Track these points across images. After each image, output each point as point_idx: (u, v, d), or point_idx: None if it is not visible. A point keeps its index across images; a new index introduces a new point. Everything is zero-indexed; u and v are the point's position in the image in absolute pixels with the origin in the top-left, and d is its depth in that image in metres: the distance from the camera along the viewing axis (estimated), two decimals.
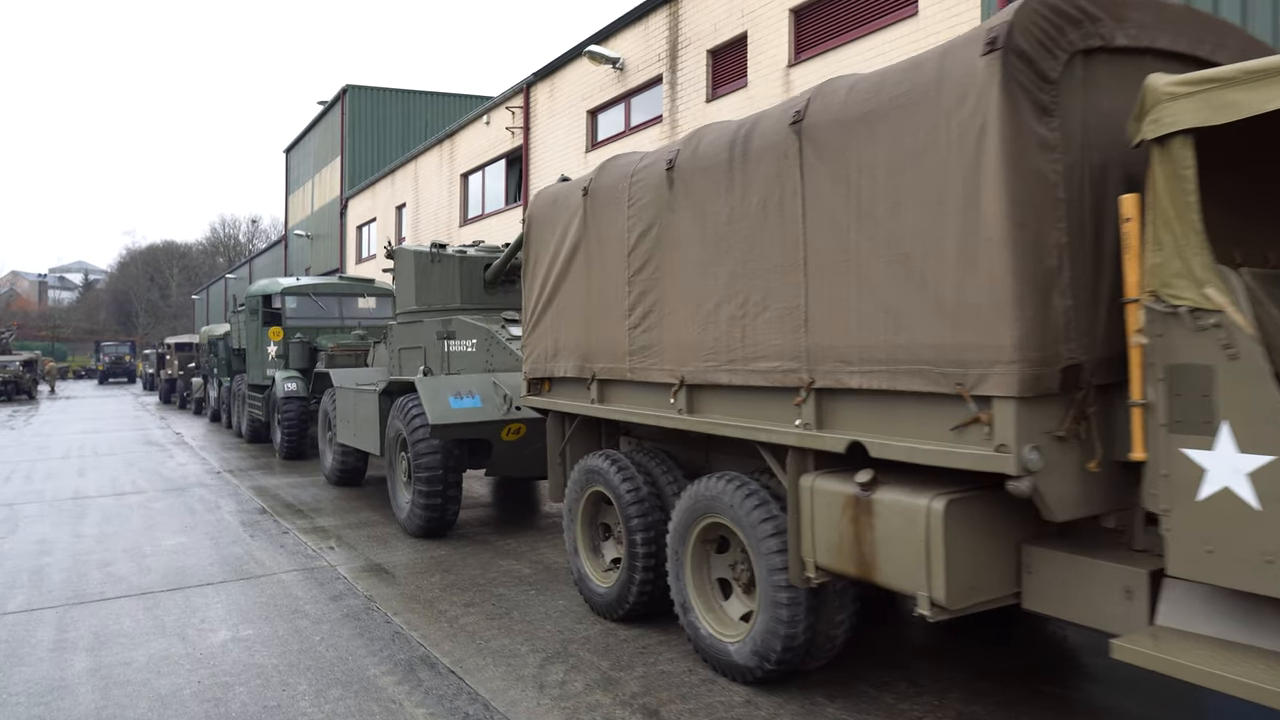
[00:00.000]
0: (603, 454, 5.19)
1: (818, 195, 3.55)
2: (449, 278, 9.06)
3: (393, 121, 31.70)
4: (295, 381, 13.34)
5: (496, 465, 7.61)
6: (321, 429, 10.97)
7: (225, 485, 10.84)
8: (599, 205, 5.13)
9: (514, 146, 18.71)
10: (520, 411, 7.24)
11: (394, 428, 7.78)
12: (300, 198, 38.17)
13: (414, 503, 7.34)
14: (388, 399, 8.46)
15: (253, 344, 15.09)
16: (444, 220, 22.28)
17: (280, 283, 14.89)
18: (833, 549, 3.50)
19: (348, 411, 9.56)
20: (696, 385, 4.34)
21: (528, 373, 5.97)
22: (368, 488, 10.45)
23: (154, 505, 9.41)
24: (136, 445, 15.96)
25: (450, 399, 7.14)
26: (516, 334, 8.28)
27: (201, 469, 12.50)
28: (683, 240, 4.39)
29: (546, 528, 7.94)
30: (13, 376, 33.51)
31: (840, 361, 3.46)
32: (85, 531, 8.05)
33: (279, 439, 13.39)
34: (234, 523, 8.36)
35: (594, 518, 5.44)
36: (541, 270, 5.77)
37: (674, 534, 4.49)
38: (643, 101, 14.53)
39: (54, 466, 12.93)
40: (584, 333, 5.27)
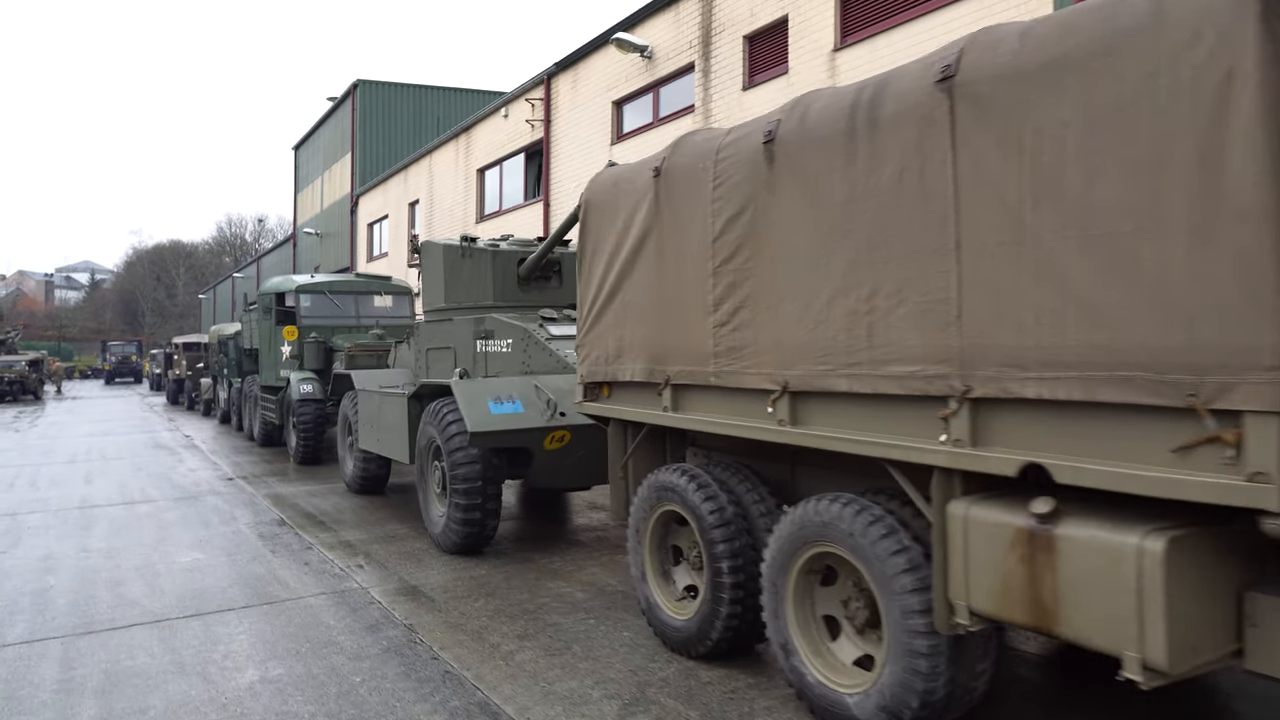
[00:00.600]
0: (678, 469, 4.59)
1: (977, 165, 2.95)
2: (481, 273, 8.47)
3: (404, 117, 31.13)
4: (311, 383, 12.77)
5: (537, 476, 7.01)
6: (341, 434, 10.39)
7: (240, 493, 10.26)
8: (675, 187, 4.53)
9: (534, 140, 18.12)
10: (564, 418, 6.65)
11: (426, 435, 7.19)
12: (309, 195, 37.64)
13: (450, 517, 6.75)
14: (417, 403, 7.88)
15: (266, 344, 14.52)
16: (459, 217, 21.70)
17: (295, 280, 14.33)
18: (995, 592, 2.90)
19: (371, 416, 8.98)
20: (802, 392, 3.74)
21: (584, 376, 5.37)
22: (391, 496, 9.87)
23: (165, 515, 8.84)
24: (145, 449, 15.41)
25: (489, 404, 6.55)
26: (555, 333, 7.70)
27: (213, 475, 11.93)
28: (785, 224, 3.78)
29: (589, 543, 7.35)
30: (18, 377, 33.03)
31: (1009, 365, 2.85)
32: (93, 545, 7.47)
33: (294, 443, 12.81)
34: (252, 536, 7.77)
35: (663, 540, 4.85)
36: (601, 262, 5.18)
37: (772, 563, 3.88)
38: (672, 91, 13.94)
39: (60, 472, 12.37)
40: (655, 331, 4.67)
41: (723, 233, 4.15)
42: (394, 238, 26.52)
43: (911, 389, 3.19)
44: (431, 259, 8.87)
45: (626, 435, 5.21)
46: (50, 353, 50.76)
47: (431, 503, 7.24)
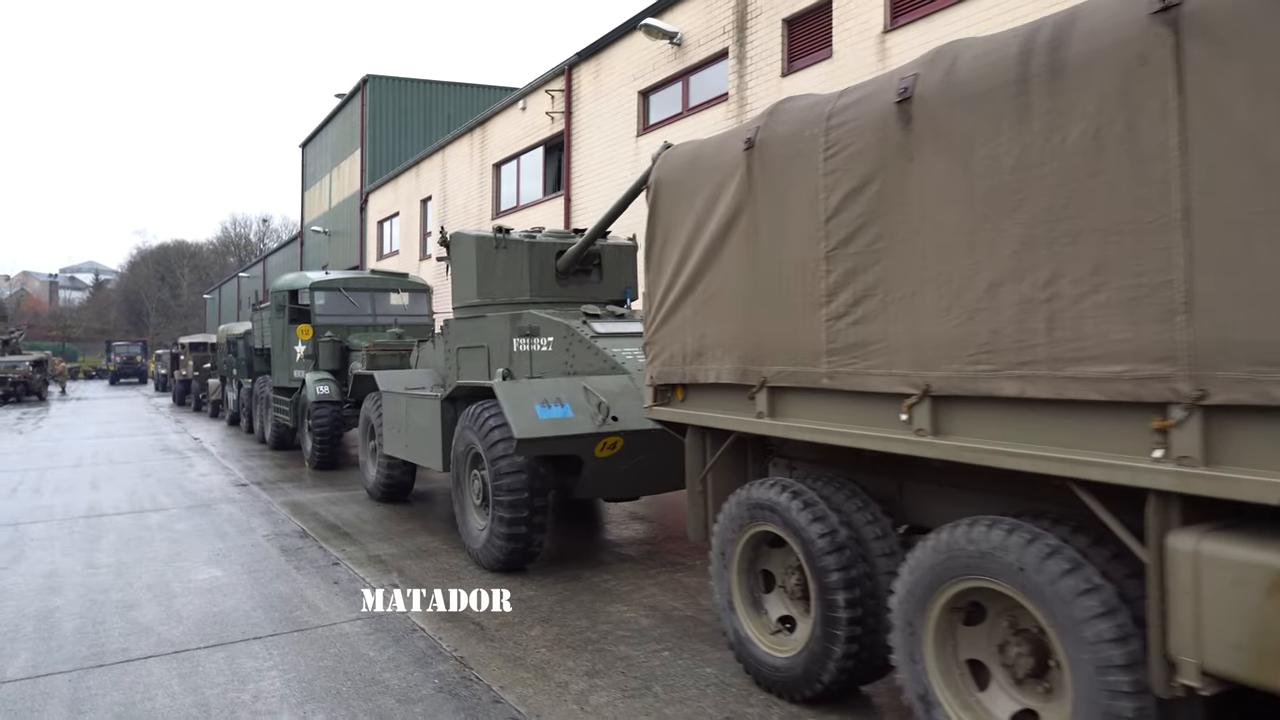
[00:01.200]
0: (776, 484, 4.00)
1: (1216, 113, 2.35)
2: (516, 266, 7.89)
3: (415, 113, 30.55)
4: (328, 384, 12.19)
5: (586, 485, 6.43)
6: (363, 438, 9.81)
7: (255, 501, 9.68)
8: (773, 160, 3.94)
9: (554, 133, 17.54)
10: (616, 422, 6.07)
11: (464, 441, 6.60)
12: (317, 193, 37.09)
13: (492, 531, 6.16)
14: (451, 406, 7.30)
15: (278, 343, 13.96)
16: (474, 213, 21.12)
17: (309, 277, 13.76)
18: (1246, 649, 2.30)
19: (398, 420, 8.40)
20: (948, 397, 3.15)
21: (655, 377, 4.78)
22: (416, 504, 9.29)
23: (178, 526, 8.26)
24: (153, 452, 14.84)
25: (536, 407, 5.96)
26: (600, 330, 7.12)
27: (226, 480, 11.36)
28: (928, 197, 3.19)
29: (639, 558, 6.76)
30: (22, 377, 32.52)
31: (1267, 365, 2.26)
32: (101, 560, 6.90)
33: (309, 447, 12.24)
34: (272, 550, 7.20)
35: (752, 564, 4.26)
36: (675, 250, 4.59)
37: (907, 598, 3.29)
38: (704, 79, 13.35)
39: (65, 477, 11.81)
40: (747, 327, 4.08)
41: (839, 210, 3.56)
42: (405, 235, 25.96)
43: (1114, 394, 2.59)
44: (462, 251, 8.29)
45: (706, 445, 4.62)
46: (54, 353, 50.30)
47: (470, 515, 6.65)
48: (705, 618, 5.18)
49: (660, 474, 6.77)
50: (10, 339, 39.10)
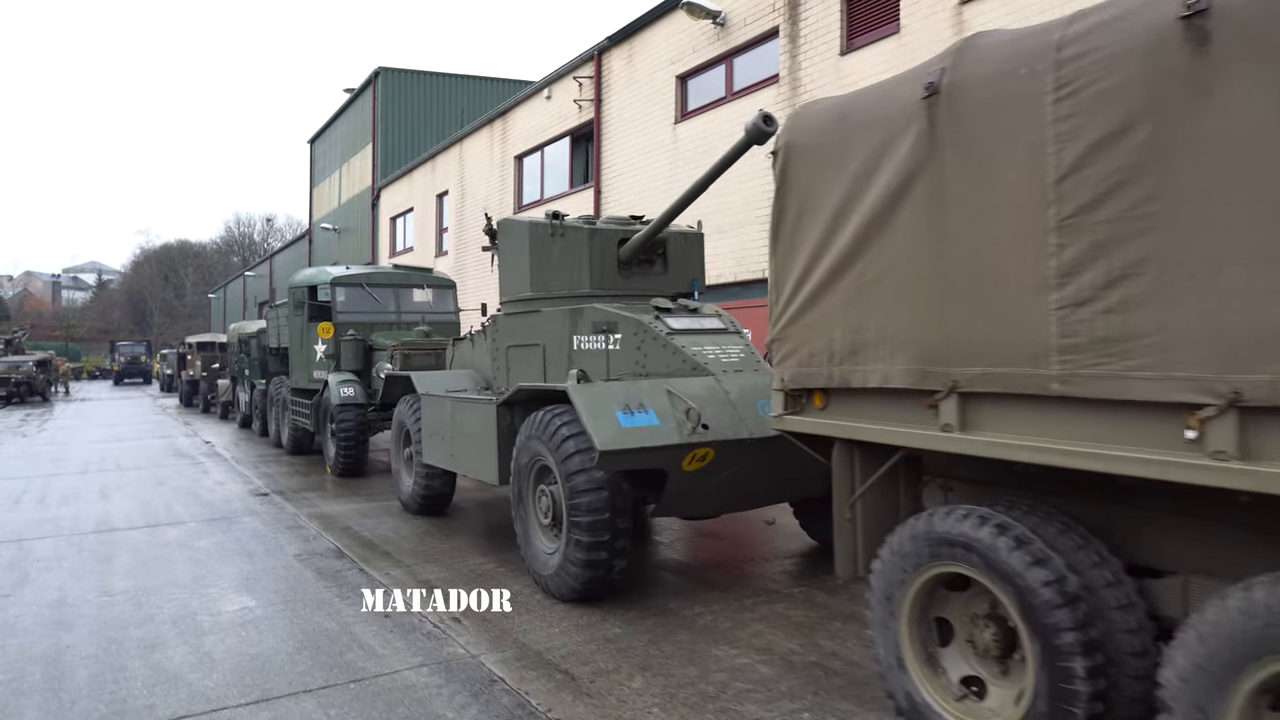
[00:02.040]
0: (970, 514, 3.19)
1: None
2: (575, 256, 7.09)
3: (427, 107, 29.77)
4: (352, 386, 11.41)
5: (668, 503, 5.64)
6: (396, 445, 9.01)
7: (279, 513, 8.90)
8: (969, 109, 3.14)
9: (581, 122, 16.74)
10: (707, 431, 5.29)
11: (529, 452, 5.80)
12: (326, 190, 36.33)
13: (567, 556, 5.35)
14: (508, 411, 6.51)
15: (297, 342, 13.17)
16: (495, 208, 20.31)
17: (329, 272, 12.98)
18: None
19: (441, 426, 7.61)
20: (1266, 409, 2.35)
21: (787, 380, 3.99)
22: (458, 518, 8.49)
23: (199, 543, 7.48)
24: (164, 457, 14.07)
25: (618, 414, 5.17)
26: (676, 326, 6.33)
27: (244, 489, 10.58)
28: (1239, 140, 2.39)
29: (726, 585, 5.96)
30: (25, 378, 31.78)
31: None
32: (116, 585, 6.12)
33: (333, 453, 11.46)
34: (307, 573, 6.41)
35: (925, 610, 3.46)
36: (817, 226, 3.80)
37: (1198, 677, 2.49)
38: (750, 61, 12.55)
39: (71, 484, 11.03)
40: (928, 316, 3.29)
41: (1080, 166, 2.76)
42: (420, 231, 25.17)
43: None
44: (512, 240, 7.49)
45: (855, 464, 3.81)
46: (58, 353, 49.58)
47: (536, 536, 5.85)
48: (834, 664, 4.39)
49: (750, 490, 5.99)
50: (13, 339, 38.38)
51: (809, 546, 7.02)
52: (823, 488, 6.62)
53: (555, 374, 7.02)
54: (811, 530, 7.04)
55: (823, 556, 6.65)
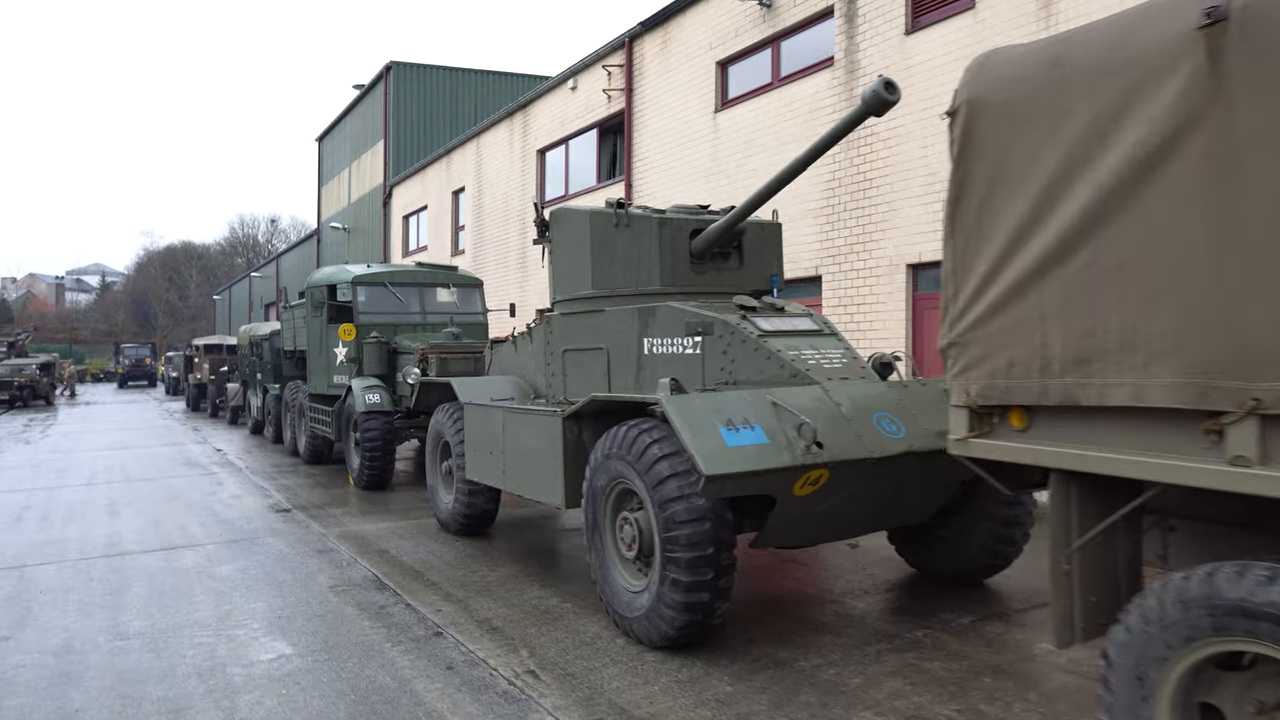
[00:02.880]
0: (1276, 574, 2.41)
1: None
2: (643, 249, 6.32)
3: (440, 103, 29.00)
4: (378, 392, 10.63)
5: (773, 532, 4.86)
6: (432, 459, 8.23)
7: (305, 532, 8.12)
8: (1274, 35, 2.36)
9: (610, 113, 15.96)
10: (821, 450, 4.51)
11: (608, 473, 5.01)
12: (334, 188, 35.58)
13: (661, 598, 4.56)
14: (574, 424, 5.72)
15: (315, 345, 12.41)
16: (515, 204, 19.55)
17: (350, 270, 12.21)
18: None
19: (489, 439, 6.82)
20: None
21: (975, 395, 3.21)
22: (500, 538, 7.71)
23: (220, 570, 6.70)
24: (174, 466, 13.30)
25: (722, 431, 4.39)
26: (766, 328, 5.55)
27: (263, 504, 9.81)
28: None
29: (835, 626, 5.17)
30: (29, 381, 31.07)
31: None
32: (130, 625, 5.34)
33: (357, 464, 10.69)
34: (348, 608, 5.63)
35: (1188, 694, 2.67)
36: (1019, 201, 3.02)
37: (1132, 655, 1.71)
38: (800, 44, 11.76)
39: (77, 499, 10.27)
40: (1208, 314, 2.50)
41: None
42: (434, 230, 24.40)
43: None
44: (571, 232, 6.72)
45: (1072, 499, 3.02)
46: (61, 355, 48.88)
47: (616, 571, 5.06)
48: None
49: (859, 516, 5.22)
50: (16, 341, 37.70)
51: (907, 575, 6.24)
52: (932, 515, 5.91)
53: (621, 381, 6.25)
54: (910, 556, 6.25)
55: (932, 588, 5.87)
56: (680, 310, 5.83)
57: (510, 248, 19.62)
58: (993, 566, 5.79)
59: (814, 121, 11.22)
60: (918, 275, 9.96)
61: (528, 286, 18.49)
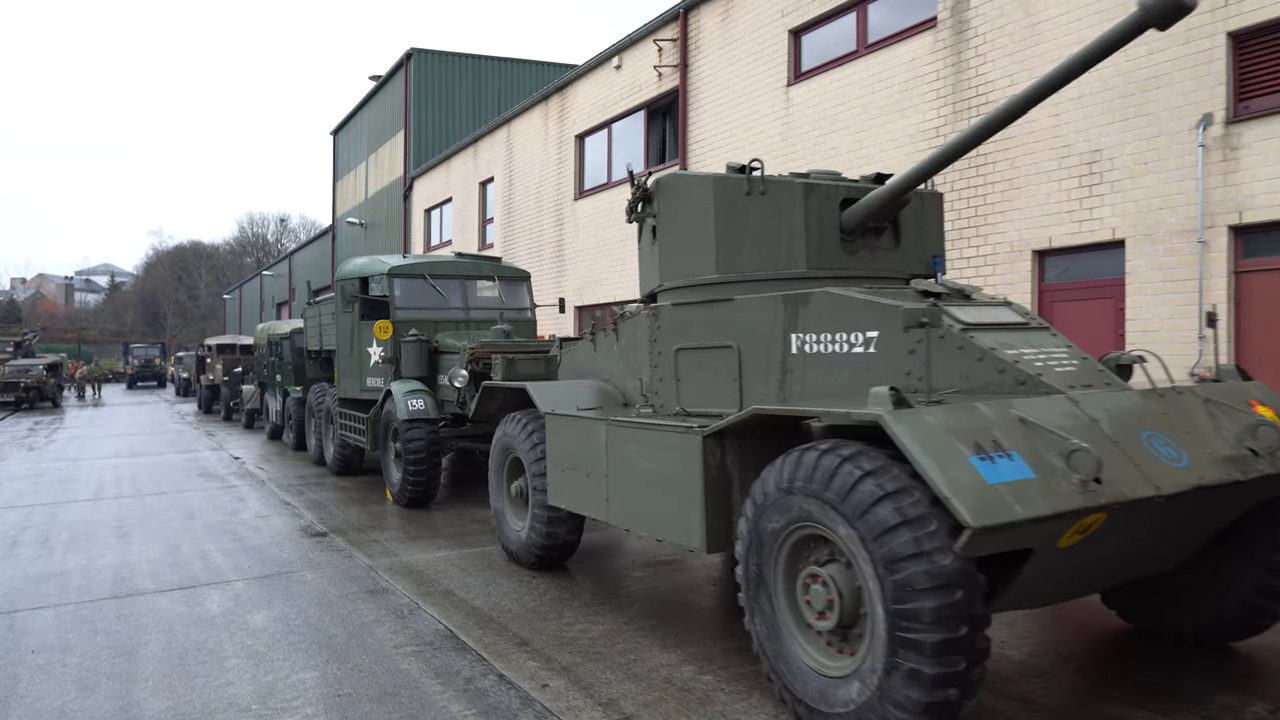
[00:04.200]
0: None
1: None
2: (784, 222, 5.06)
3: (463, 92, 27.76)
4: (422, 398, 9.39)
5: (1020, 593, 3.58)
6: (498, 477, 6.97)
7: (348, 564, 6.87)
8: None
9: (661, 92, 14.69)
10: (1100, 486, 3.24)
11: (786, 513, 3.72)
12: (350, 183, 34.39)
13: (887, 692, 3.26)
14: (717, 445, 4.44)
15: (346, 344, 11.18)
16: (550, 194, 18.29)
17: (385, 261, 10.97)
18: None
19: (584, 459, 5.55)
20: None
21: None
22: (582, 572, 6.45)
23: (253, 618, 5.45)
24: (189, 478, 12.08)
25: (973, 462, 3.13)
26: (967, 319, 4.27)
27: (293, 525, 8.57)
28: None
29: (1068, 712, 3.89)
30: (36, 382, 29.99)
31: None
32: (146, 707, 4.09)
33: (398, 479, 9.44)
34: (426, 681, 4.37)
35: None
36: None
37: None
38: (891, 5, 10.47)
39: (82, 517, 9.04)
40: None
41: None
42: (460, 223, 23.16)
43: None
44: (684, 204, 5.45)
45: None
46: (70, 356, 47.84)
47: (795, 645, 3.76)
48: None
49: (1114, 569, 3.96)
50: (23, 341, 36.66)
51: (1110, 634, 4.95)
52: (1179, 565, 4.59)
53: (758, 387, 4.98)
54: (1128, 610, 4.89)
55: (1162, 654, 4.56)
56: (846, 297, 4.55)
57: (545, 240, 18.36)
58: (1252, 626, 4.49)
59: (910, 91, 9.94)
60: (1044, 262, 8.66)
61: (564, 281, 17.25)
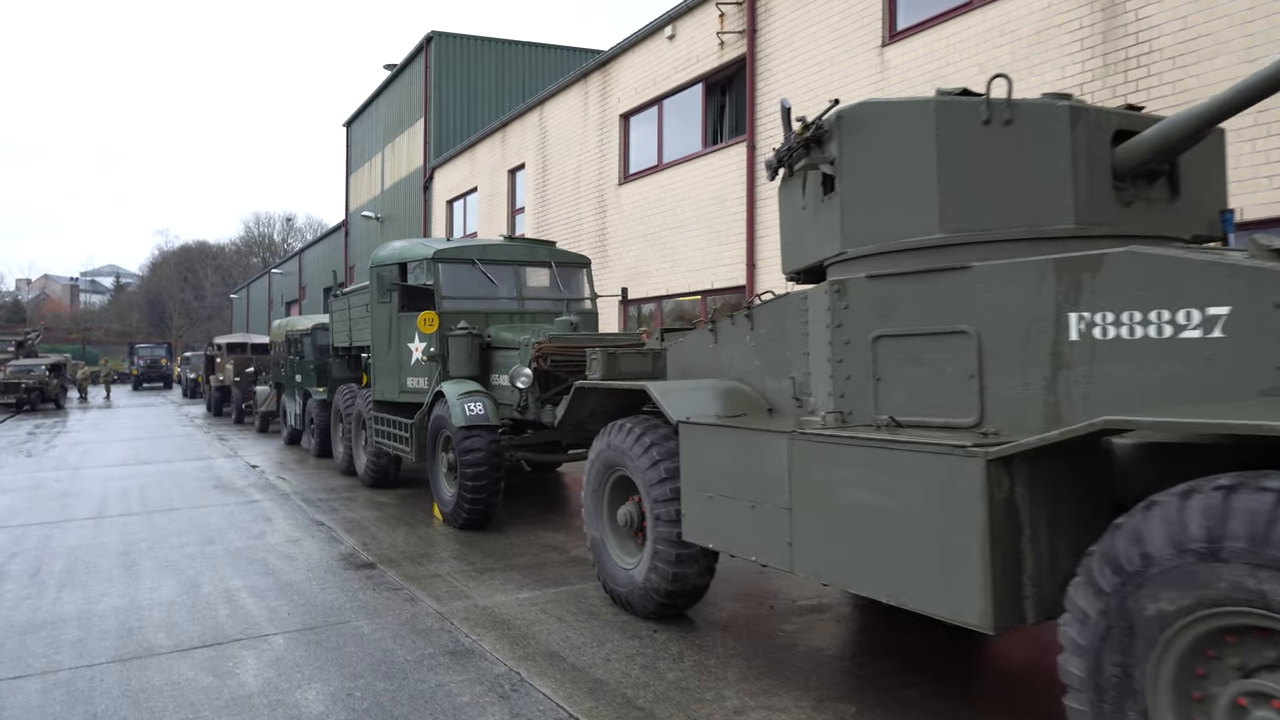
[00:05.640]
0: None
1: None
2: (1043, 159, 3.67)
3: (485, 78, 26.38)
4: (482, 401, 8.01)
5: None
6: (596, 500, 5.57)
7: (412, 610, 5.49)
8: None
9: (723, 63, 13.30)
10: None
11: (1202, 589, 2.31)
12: (365, 176, 33.03)
13: None
14: (1004, 473, 3.04)
15: (383, 339, 9.81)
16: (590, 179, 16.89)
17: (430, 245, 9.59)
18: None
19: (750, 484, 4.15)
20: None
21: None
22: (716, 623, 5.06)
23: (304, 697, 4.07)
24: (203, 490, 10.71)
25: None
26: None
27: (332, 552, 7.20)
28: None
29: None
30: (38, 383, 28.70)
31: None
32: None
33: (452, 495, 8.06)
34: None
35: None
36: None
37: None
38: None
39: (82, 542, 7.67)
40: None
41: None
42: (487, 214, 21.77)
43: None
44: (883, 140, 4.05)
45: None
46: (74, 356, 46.57)
47: None
48: None
49: None
50: (25, 340, 35.41)
51: None
52: None
53: (1011, 387, 3.56)
54: None
55: None
56: (1171, 259, 3.15)
57: (584, 230, 16.98)
58: None
59: (1045, 44, 8.54)
60: None
61: (606, 274, 15.86)
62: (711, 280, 13.35)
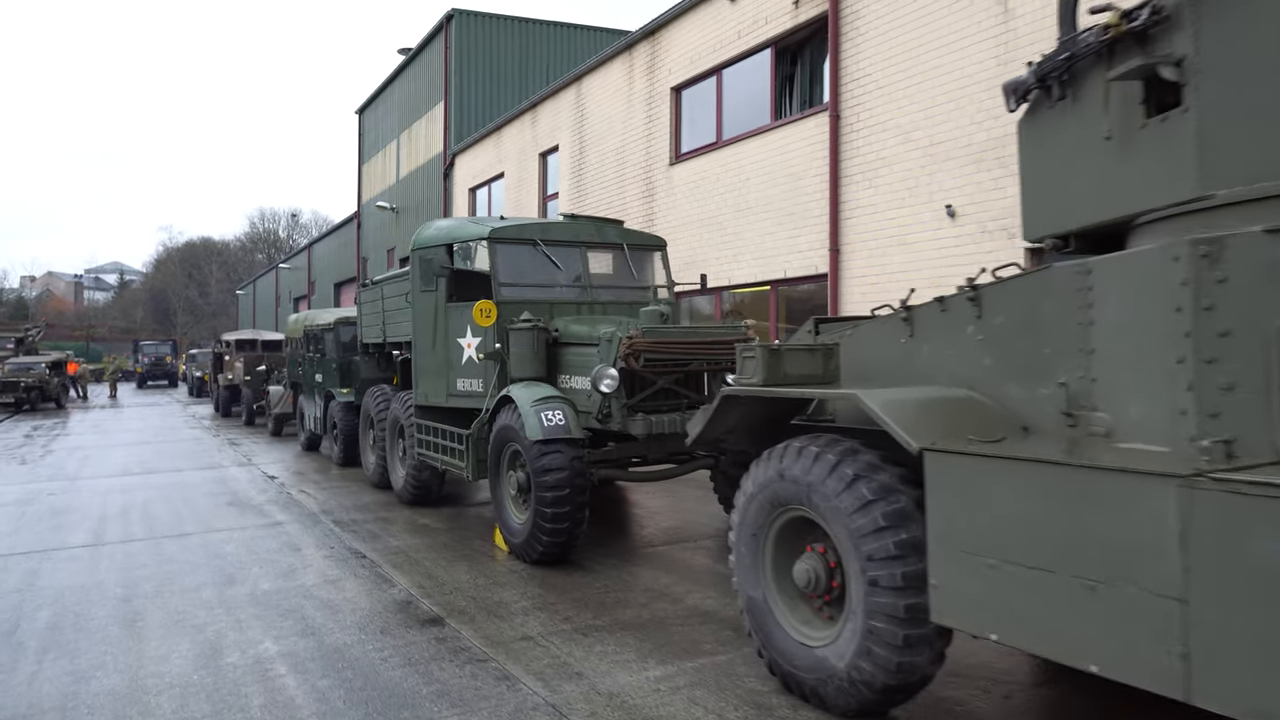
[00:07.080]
0: None
1: None
2: None
3: (508, 60, 24.94)
4: (561, 408, 6.57)
5: None
6: (756, 547, 4.10)
7: (512, 698, 4.06)
8: None
9: (797, 24, 11.84)
10: None
11: None
12: (378, 165, 31.61)
13: None
14: None
15: (427, 334, 8.37)
16: (636, 160, 15.45)
17: (483, 223, 8.16)
18: None
19: (1105, 559, 2.70)
20: None
21: None
22: None
23: None
24: (217, 508, 9.28)
25: None
26: None
27: (383, 599, 5.77)
28: None
29: None
30: (37, 381, 27.33)
31: None
32: None
33: (522, 523, 6.63)
34: None
35: None
36: None
37: None
38: None
39: (73, 583, 6.26)
40: None
41: None
42: (515, 202, 20.33)
43: None
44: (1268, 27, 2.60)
45: None
46: (77, 354, 45.22)
47: None
48: None
49: None
50: (25, 337, 34.04)
51: None
52: None
53: None
54: None
55: None
56: None
57: (629, 215, 15.53)
58: None
59: None
60: None
61: None
62: (784, 269, 11.89)
